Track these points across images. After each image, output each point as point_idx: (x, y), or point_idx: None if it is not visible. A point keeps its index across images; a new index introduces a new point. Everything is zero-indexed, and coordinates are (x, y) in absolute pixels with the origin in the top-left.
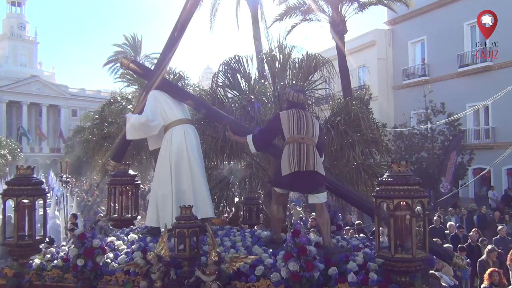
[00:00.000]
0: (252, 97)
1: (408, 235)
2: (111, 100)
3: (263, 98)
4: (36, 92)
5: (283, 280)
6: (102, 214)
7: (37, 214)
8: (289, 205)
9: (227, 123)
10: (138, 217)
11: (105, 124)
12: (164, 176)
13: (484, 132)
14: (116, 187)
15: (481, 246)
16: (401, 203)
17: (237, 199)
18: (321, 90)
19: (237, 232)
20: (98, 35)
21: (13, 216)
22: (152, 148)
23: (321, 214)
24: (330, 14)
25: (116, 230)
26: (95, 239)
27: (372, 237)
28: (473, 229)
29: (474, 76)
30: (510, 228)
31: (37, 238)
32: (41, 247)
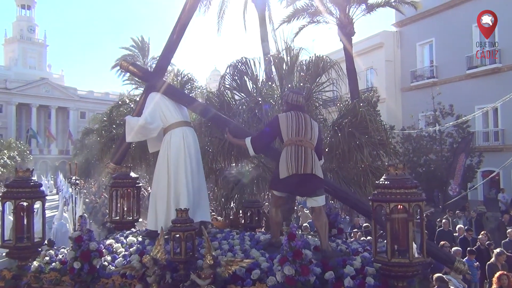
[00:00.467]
0: (259, 99)
1: (405, 239)
2: (119, 102)
3: (271, 100)
4: (45, 94)
5: (279, 284)
6: None
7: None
8: (296, 208)
9: (227, 126)
10: (140, 219)
11: (113, 126)
12: (163, 179)
13: (493, 134)
14: (118, 190)
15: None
16: (398, 206)
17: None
18: (329, 92)
19: (236, 235)
20: (106, 38)
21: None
22: (152, 150)
23: (320, 217)
24: (338, 16)
25: (117, 232)
26: (92, 242)
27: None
28: (482, 232)
29: (483, 77)
30: None
31: (36, 240)
32: (40, 249)
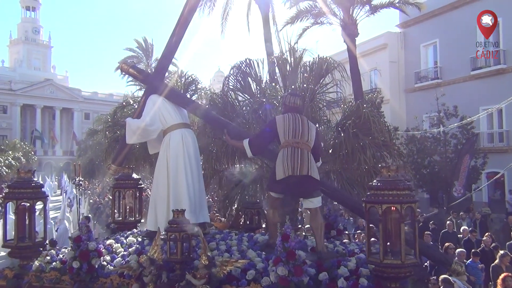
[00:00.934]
0: (263, 100)
1: (398, 241)
2: (124, 103)
3: (274, 101)
4: (49, 95)
5: (273, 285)
6: None
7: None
8: (300, 209)
9: (225, 127)
10: (142, 220)
11: (118, 127)
12: (162, 180)
13: (497, 136)
14: (120, 191)
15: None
16: (391, 208)
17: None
18: (333, 93)
19: (235, 236)
20: (111, 39)
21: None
22: (152, 152)
23: (316, 218)
24: (342, 17)
25: (119, 232)
26: (91, 242)
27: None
28: (487, 234)
29: (488, 79)
30: None
31: (37, 240)
32: (42, 249)
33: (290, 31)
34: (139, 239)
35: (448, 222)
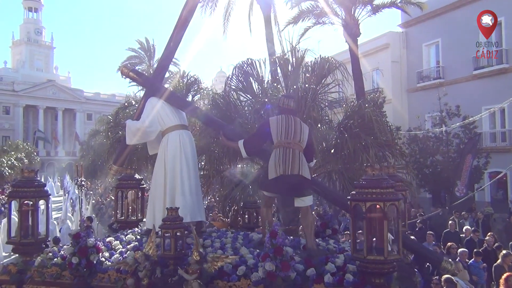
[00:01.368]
0: (265, 100)
1: (381, 237)
2: (126, 104)
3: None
4: (52, 96)
5: (263, 280)
6: None
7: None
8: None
9: (221, 128)
10: (144, 219)
11: (120, 128)
12: (160, 180)
13: (500, 135)
14: (123, 191)
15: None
16: (376, 206)
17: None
18: (334, 93)
19: (231, 234)
20: (113, 40)
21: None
22: (152, 152)
23: (306, 216)
24: (344, 17)
25: (121, 231)
26: (90, 239)
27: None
28: (489, 233)
29: (490, 78)
30: None
31: (39, 237)
32: (44, 245)
33: (292, 31)
34: (138, 237)
35: (450, 222)
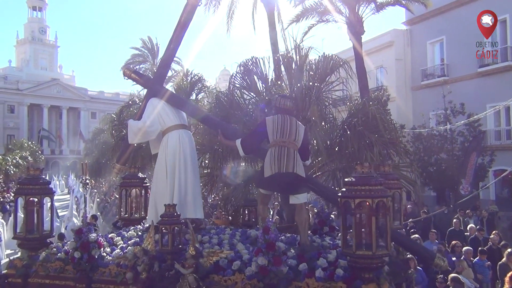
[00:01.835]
0: (269, 98)
1: (370, 233)
2: (130, 102)
3: None
4: (56, 95)
5: (256, 274)
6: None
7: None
8: (306, 207)
9: (219, 128)
10: (147, 217)
11: (124, 126)
12: (161, 178)
13: (505, 133)
14: (127, 189)
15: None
16: (366, 202)
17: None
18: (338, 91)
19: (229, 231)
20: (117, 38)
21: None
22: (154, 152)
23: (300, 213)
24: (347, 15)
25: (124, 228)
26: (92, 234)
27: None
28: (494, 232)
29: (495, 76)
30: None
31: (44, 233)
32: (49, 241)
33: (295, 29)
34: (139, 233)
35: (455, 220)
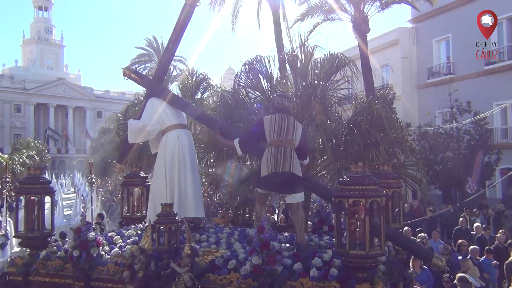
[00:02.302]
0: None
1: (364, 233)
2: (135, 102)
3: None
4: (62, 94)
5: (250, 273)
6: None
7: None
8: (312, 206)
9: (217, 127)
10: None
11: None
12: (160, 177)
13: (511, 131)
14: (129, 188)
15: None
16: (359, 202)
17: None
18: (344, 89)
19: (227, 230)
20: (122, 38)
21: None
22: (154, 151)
23: (297, 213)
24: (353, 13)
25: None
26: (90, 233)
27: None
28: (500, 230)
29: (501, 74)
30: None
31: (45, 231)
32: (50, 239)
33: (300, 28)
34: (139, 232)
35: (461, 219)
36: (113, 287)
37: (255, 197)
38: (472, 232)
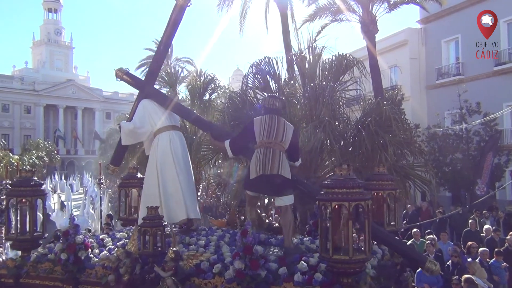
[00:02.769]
0: (282, 98)
1: (347, 237)
2: None
3: (293, 100)
4: (71, 95)
5: (235, 278)
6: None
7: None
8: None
9: (209, 129)
10: None
11: None
12: (152, 180)
13: None
14: (126, 189)
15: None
16: (343, 206)
17: (266, 201)
18: (352, 90)
19: (219, 232)
20: (131, 39)
21: (13, 214)
22: (148, 153)
23: (285, 216)
24: (361, 14)
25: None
26: (78, 236)
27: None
28: (511, 233)
29: (511, 74)
30: None
31: (36, 234)
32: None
33: (308, 29)
34: (130, 234)
35: (470, 221)
36: None
37: (246, 199)
38: (481, 234)
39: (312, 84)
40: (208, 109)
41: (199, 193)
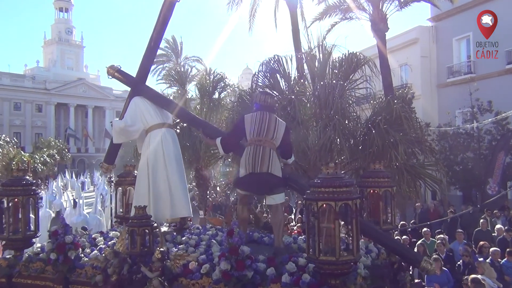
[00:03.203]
0: (292, 96)
1: (333, 238)
2: None
3: (303, 98)
4: (82, 94)
5: (222, 279)
6: None
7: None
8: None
9: (201, 126)
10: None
11: None
12: (143, 178)
13: None
14: (122, 187)
15: None
16: (329, 205)
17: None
18: (362, 89)
19: (213, 231)
20: (141, 38)
21: (5, 213)
22: (140, 151)
23: (276, 215)
24: (371, 12)
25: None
26: (68, 236)
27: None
28: None
29: None
30: None
31: (28, 233)
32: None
33: (319, 27)
34: None
35: (482, 220)
36: None
37: (238, 197)
38: (493, 234)
39: (322, 83)
40: (217, 107)
41: (208, 192)
